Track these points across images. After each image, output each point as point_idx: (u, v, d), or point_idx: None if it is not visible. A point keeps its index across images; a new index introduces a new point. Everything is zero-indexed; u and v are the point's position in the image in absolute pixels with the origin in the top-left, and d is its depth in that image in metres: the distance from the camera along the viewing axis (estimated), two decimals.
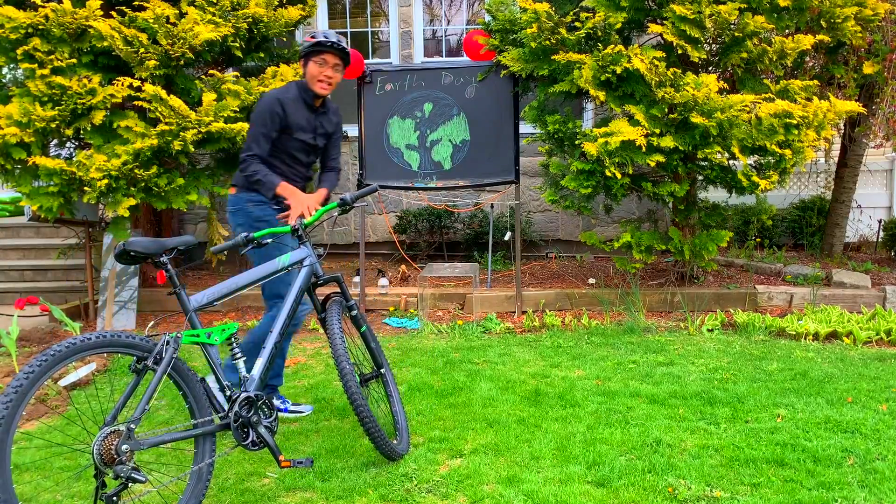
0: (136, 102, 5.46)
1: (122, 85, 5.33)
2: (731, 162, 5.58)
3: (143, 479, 2.37)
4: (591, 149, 5.22)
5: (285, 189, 3.47)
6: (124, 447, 2.34)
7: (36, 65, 5.28)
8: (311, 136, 3.61)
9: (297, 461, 2.75)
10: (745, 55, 5.42)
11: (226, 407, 2.71)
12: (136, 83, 5.37)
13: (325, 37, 3.43)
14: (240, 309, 6.36)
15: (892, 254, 7.56)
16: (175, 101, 5.29)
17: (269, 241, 3.02)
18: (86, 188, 5.28)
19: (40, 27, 5.28)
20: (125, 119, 5.44)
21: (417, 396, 4.03)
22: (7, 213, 9.01)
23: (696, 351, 4.83)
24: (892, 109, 6.22)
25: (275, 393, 3.80)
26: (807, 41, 5.26)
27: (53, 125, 5.31)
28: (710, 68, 5.83)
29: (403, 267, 7.01)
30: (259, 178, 3.44)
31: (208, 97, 5.45)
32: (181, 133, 5.30)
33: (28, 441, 3.55)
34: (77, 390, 4.36)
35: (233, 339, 2.78)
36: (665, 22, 5.32)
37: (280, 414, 3.71)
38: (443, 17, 8.42)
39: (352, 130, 8.05)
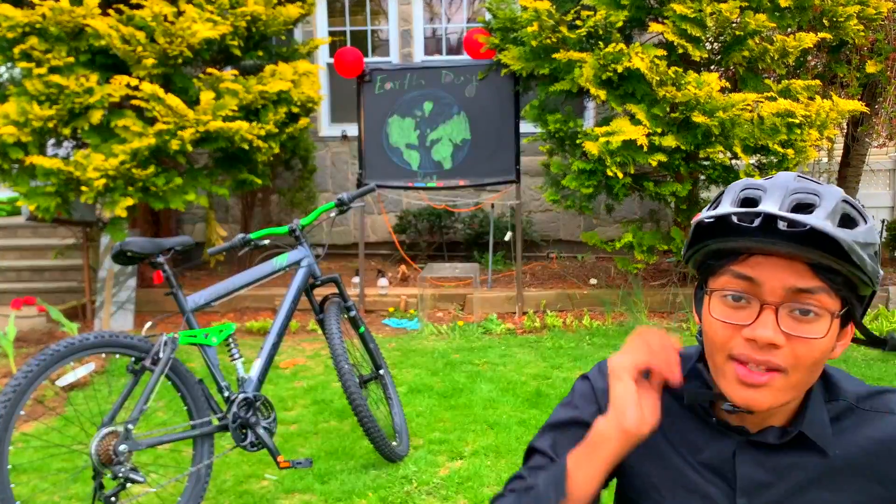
0: (133, 102, 5.42)
1: (120, 84, 5.30)
2: (733, 161, 5.55)
3: (142, 480, 2.34)
4: (592, 148, 5.19)
5: None
6: (122, 448, 2.31)
7: (33, 64, 5.25)
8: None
9: (296, 462, 2.72)
10: (746, 54, 5.39)
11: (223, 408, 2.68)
12: (134, 82, 5.33)
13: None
14: (238, 310, 6.33)
15: (895, 254, 7.53)
16: (173, 100, 5.26)
17: (266, 242, 2.99)
18: (83, 188, 5.24)
19: (37, 26, 5.25)
20: (123, 118, 5.41)
21: (417, 398, 4.00)
22: (4, 213, 8.98)
23: None
24: (895, 109, 6.19)
25: None
26: (809, 40, 5.23)
27: (51, 124, 5.28)
28: (711, 67, 5.80)
29: (403, 267, 6.98)
30: None
31: (206, 96, 5.42)
32: (179, 132, 5.26)
33: (26, 442, 3.52)
34: (75, 391, 4.32)
35: (230, 339, 2.75)
36: (666, 21, 5.29)
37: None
38: (443, 16, 8.39)
39: (351, 130, 8.02)
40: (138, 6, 5.46)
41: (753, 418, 0.95)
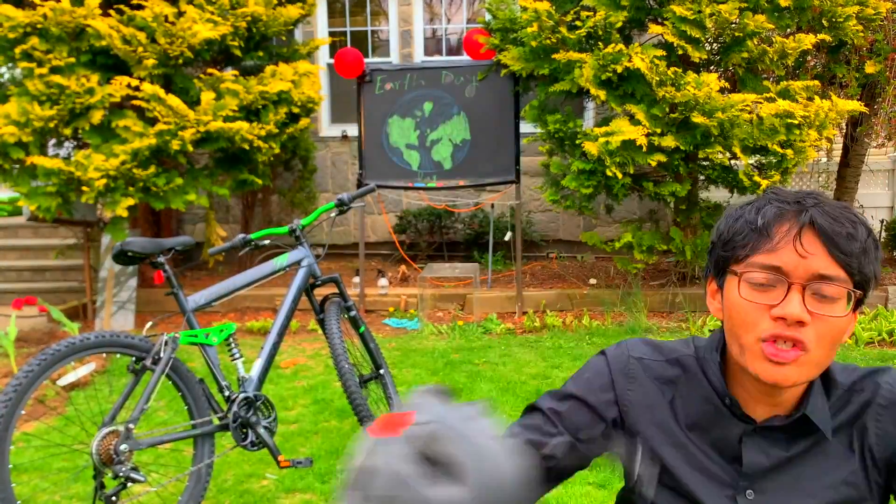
0: (134, 102, 5.44)
1: (121, 84, 5.31)
2: (732, 162, 5.56)
3: (142, 479, 2.35)
4: (591, 148, 5.20)
5: None
6: (123, 447, 2.32)
7: (34, 64, 5.26)
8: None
9: (297, 461, 2.73)
10: (745, 55, 5.40)
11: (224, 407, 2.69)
12: (135, 82, 5.34)
13: None
14: (238, 310, 6.34)
15: (895, 254, 7.53)
16: (173, 101, 5.27)
17: (266, 242, 3.00)
18: (84, 188, 5.25)
19: (38, 26, 5.26)
20: (123, 118, 5.42)
21: None
22: (5, 213, 8.98)
23: None
24: (894, 109, 6.20)
25: None
26: (808, 41, 5.23)
27: (52, 125, 5.29)
28: (710, 68, 5.81)
29: (403, 267, 6.99)
30: None
31: (207, 96, 5.43)
32: (179, 132, 5.27)
33: (27, 441, 3.53)
34: (76, 391, 4.33)
35: (231, 339, 2.76)
36: (665, 22, 5.30)
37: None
38: (443, 16, 8.40)
39: (351, 130, 8.02)
40: (139, 7, 5.47)
41: (761, 409, 0.99)
